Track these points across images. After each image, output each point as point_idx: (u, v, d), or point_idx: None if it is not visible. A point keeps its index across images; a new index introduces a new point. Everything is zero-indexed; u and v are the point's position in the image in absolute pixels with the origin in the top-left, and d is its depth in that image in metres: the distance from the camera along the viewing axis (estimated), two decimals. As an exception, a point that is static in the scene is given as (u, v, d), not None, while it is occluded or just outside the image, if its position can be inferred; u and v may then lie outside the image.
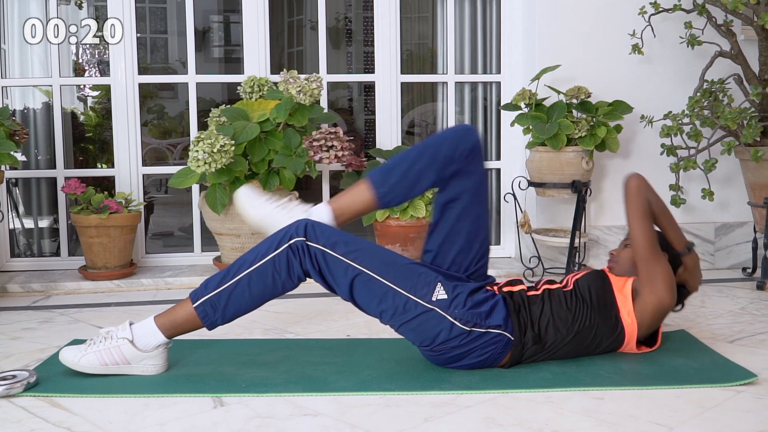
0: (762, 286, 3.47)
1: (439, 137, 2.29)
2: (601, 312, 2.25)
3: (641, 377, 2.16)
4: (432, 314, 2.14)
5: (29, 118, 4.20)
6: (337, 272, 2.16)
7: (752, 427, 1.82)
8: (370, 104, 8.77)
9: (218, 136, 3.38)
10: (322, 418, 1.89)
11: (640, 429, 1.81)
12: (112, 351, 2.16)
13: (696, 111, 3.55)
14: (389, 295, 2.15)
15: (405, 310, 2.15)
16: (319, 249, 2.15)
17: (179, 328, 2.19)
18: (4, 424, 1.87)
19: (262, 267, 2.15)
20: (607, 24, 3.92)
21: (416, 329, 2.17)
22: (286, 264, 2.15)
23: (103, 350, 2.16)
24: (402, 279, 2.16)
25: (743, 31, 3.88)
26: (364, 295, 2.17)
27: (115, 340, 2.17)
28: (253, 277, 2.15)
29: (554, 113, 3.67)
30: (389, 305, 2.15)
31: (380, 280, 2.15)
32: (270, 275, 2.16)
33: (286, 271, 2.16)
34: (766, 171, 3.49)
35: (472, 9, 4.34)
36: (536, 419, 1.88)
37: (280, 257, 2.15)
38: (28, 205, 4.24)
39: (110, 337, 2.18)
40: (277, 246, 2.16)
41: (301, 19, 9.80)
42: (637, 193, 2.32)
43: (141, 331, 2.19)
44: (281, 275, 2.16)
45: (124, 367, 2.18)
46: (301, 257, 2.16)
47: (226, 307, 2.16)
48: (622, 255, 2.42)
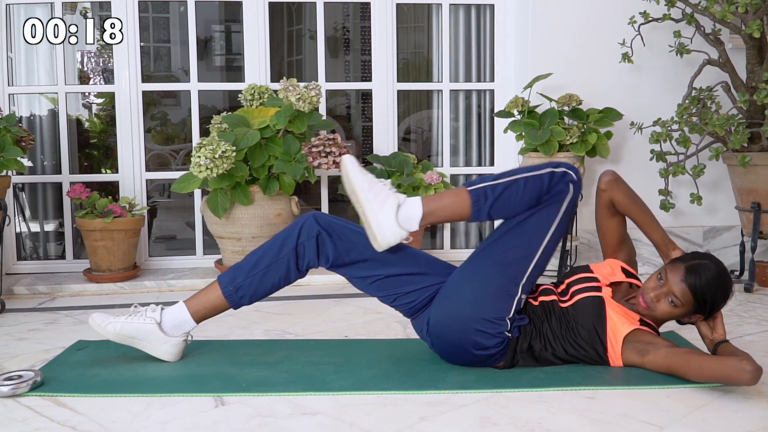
0: (749, 288, 3.47)
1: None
2: (591, 341, 2.20)
3: (632, 377, 2.15)
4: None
5: (35, 125, 4.19)
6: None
7: (740, 427, 1.82)
8: (367, 111, 8.77)
9: (220, 142, 3.38)
10: (320, 417, 1.88)
11: (630, 428, 1.81)
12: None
13: (684, 118, 3.55)
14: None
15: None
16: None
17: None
18: (10, 422, 1.86)
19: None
20: (598, 33, 3.93)
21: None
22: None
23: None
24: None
25: (731, 40, 3.89)
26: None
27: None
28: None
29: (546, 120, 3.67)
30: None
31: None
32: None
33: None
34: (753, 176, 3.49)
35: (467, 19, 4.34)
36: (529, 418, 1.87)
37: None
38: (34, 210, 4.23)
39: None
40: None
41: (300, 29, 9.81)
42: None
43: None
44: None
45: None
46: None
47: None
48: (660, 308, 2.18)
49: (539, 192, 2.15)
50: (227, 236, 3.64)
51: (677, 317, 2.20)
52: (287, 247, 2.25)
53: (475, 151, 4.43)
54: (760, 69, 3.50)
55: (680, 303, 2.13)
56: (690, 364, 2.04)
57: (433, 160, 4.45)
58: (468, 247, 4.35)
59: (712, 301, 2.13)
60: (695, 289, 2.11)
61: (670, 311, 2.16)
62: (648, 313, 2.20)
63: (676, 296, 2.13)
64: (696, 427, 1.81)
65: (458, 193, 2.18)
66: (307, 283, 3.56)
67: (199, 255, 4.11)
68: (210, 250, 4.09)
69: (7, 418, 1.88)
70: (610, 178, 2.36)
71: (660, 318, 2.22)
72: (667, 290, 2.14)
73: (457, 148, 4.44)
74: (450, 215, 2.21)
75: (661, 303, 2.16)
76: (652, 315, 2.20)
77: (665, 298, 2.15)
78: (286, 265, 2.25)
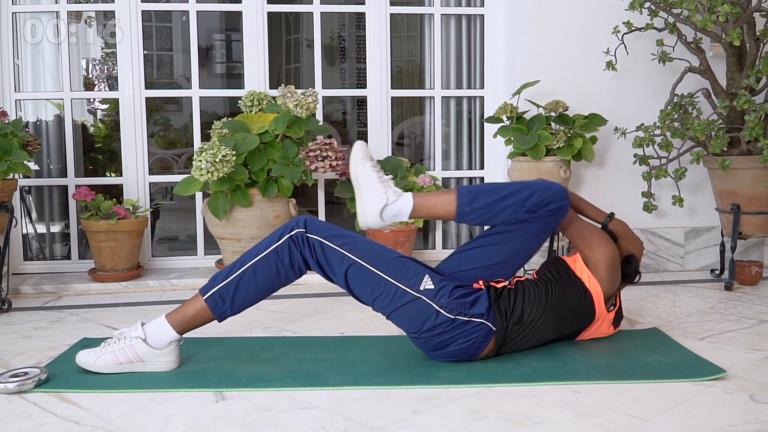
0: (729, 286, 3.47)
1: (534, 187, 2.27)
2: (565, 283, 2.31)
3: (617, 372, 2.16)
4: (419, 302, 2.16)
5: (42, 130, 4.17)
6: (334, 262, 2.20)
7: (722, 420, 1.81)
8: (362, 117, 8.77)
9: (220, 146, 3.37)
10: (317, 411, 1.88)
11: (615, 421, 1.81)
12: (126, 350, 2.15)
13: (667, 123, 3.55)
14: (381, 284, 2.18)
15: (394, 298, 2.17)
16: (317, 240, 2.20)
17: (190, 323, 2.20)
18: (16, 418, 1.85)
19: (265, 257, 2.20)
20: (583, 42, 3.93)
21: (405, 316, 2.19)
22: (288, 254, 2.20)
23: (118, 350, 2.15)
24: (393, 269, 2.19)
25: (712, 48, 3.90)
26: (357, 284, 2.21)
27: (129, 339, 2.16)
28: (257, 268, 2.19)
29: (534, 125, 3.67)
30: (380, 293, 2.18)
31: (373, 270, 2.18)
32: (273, 264, 2.20)
33: (288, 260, 2.20)
34: (733, 179, 3.50)
35: (457, 28, 4.34)
36: (518, 411, 1.87)
37: (282, 247, 2.20)
38: (40, 212, 4.22)
39: (124, 337, 2.18)
40: (279, 237, 2.21)
41: (298, 38, 9.81)
42: None
43: (153, 330, 2.18)
44: (284, 264, 2.20)
45: (139, 365, 2.17)
46: (301, 247, 2.20)
47: (234, 297, 2.18)
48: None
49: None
50: (227, 237, 3.63)
51: None
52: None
53: (466, 155, 4.43)
54: (739, 76, 3.51)
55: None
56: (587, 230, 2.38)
57: (425, 163, 4.45)
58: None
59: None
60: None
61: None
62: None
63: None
64: (679, 420, 1.81)
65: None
66: (303, 282, 3.54)
67: (201, 255, 4.10)
68: (211, 251, 4.08)
69: (13, 414, 1.87)
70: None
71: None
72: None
73: (448, 152, 4.43)
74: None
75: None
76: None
77: None
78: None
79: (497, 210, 2.26)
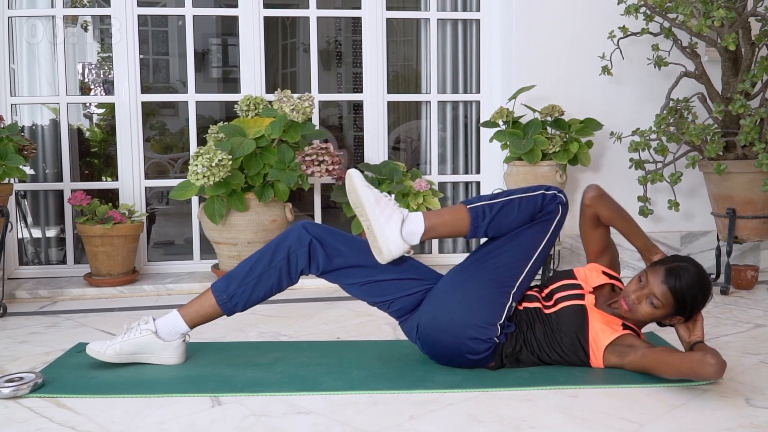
0: (725, 291, 3.47)
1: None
2: (571, 351, 2.21)
3: (613, 376, 2.15)
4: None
5: (37, 134, 4.17)
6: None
7: (718, 424, 1.81)
8: (358, 122, 8.78)
9: (216, 151, 3.37)
10: (313, 416, 1.87)
11: (612, 426, 1.81)
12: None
13: (662, 127, 3.56)
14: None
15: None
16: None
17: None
18: (11, 423, 1.84)
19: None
20: (579, 47, 3.94)
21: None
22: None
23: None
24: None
25: (707, 53, 3.91)
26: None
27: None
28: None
29: (530, 130, 3.68)
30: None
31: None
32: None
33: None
34: (729, 183, 3.51)
35: (454, 33, 4.35)
36: (514, 416, 1.87)
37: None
38: (36, 216, 4.21)
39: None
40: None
41: (294, 42, 9.80)
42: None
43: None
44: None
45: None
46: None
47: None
48: (642, 309, 2.16)
49: (533, 212, 2.20)
50: (224, 241, 3.62)
51: (658, 319, 2.20)
52: (279, 256, 2.24)
53: (462, 159, 4.43)
54: (734, 80, 3.52)
55: (661, 304, 2.13)
56: (661, 360, 2.04)
57: (421, 168, 4.46)
58: (456, 252, 4.35)
59: (691, 303, 2.13)
60: (675, 290, 2.11)
61: (651, 312, 2.15)
62: (630, 315, 2.18)
63: (657, 297, 2.12)
64: (675, 424, 1.81)
65: (458, 210, 2.22)
66: (300, 286, 3.55)
67: (197, 260, 4.09)
68: (207, 255, 4.07)
69: (9, 419, 1.87)
70: (595, 194, 2.37)
71: (641, 320, 2.21)
72: (648, 292, 2.14)
73: (444, 156, 4.44)
74: (449, 231, 2.24)
75: (643, 305, 2.15)
76: (634, 317, 2.19)
77: (646, 300, 2.14)
78: (278, 273, 2.24)
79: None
